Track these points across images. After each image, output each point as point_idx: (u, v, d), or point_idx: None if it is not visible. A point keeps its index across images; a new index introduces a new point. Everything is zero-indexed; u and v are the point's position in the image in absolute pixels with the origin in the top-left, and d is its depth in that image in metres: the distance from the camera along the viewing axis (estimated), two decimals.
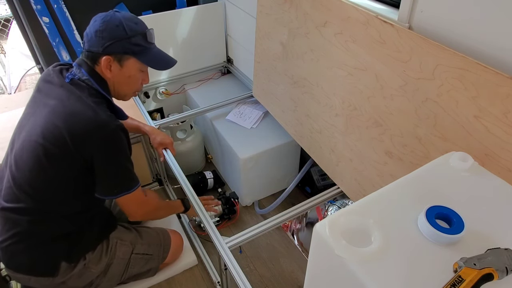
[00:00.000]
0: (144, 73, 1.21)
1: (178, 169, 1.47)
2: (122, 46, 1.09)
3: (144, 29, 1.13)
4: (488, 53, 0.83)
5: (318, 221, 0.59)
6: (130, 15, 1.14)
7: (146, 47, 1.14)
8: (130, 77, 1.16)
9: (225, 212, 1.78)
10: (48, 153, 1.05)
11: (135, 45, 1.11)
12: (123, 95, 1.23)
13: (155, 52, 1.18)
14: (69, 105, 1.06)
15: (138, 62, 1.14)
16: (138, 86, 1.22)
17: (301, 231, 1.71)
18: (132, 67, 1.15)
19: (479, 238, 0.57)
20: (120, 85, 1.18)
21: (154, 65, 1.19)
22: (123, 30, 1.08)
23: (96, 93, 1.12)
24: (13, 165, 1.11)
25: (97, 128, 1.05)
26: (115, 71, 1.13)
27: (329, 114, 1.31)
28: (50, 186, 1.10)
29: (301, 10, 1.30)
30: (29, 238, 1.13)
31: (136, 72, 1.17)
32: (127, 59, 1.12)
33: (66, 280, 1.20)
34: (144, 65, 1.16)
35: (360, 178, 1.25)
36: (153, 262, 1.43)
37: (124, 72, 1.14)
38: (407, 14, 0.98)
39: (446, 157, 0.72)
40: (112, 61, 1.11)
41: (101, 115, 1.06)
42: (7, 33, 3.37)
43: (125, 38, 1.09)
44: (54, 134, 1.04)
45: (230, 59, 2.25)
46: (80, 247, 1.21)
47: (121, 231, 1.36)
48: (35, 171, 1.07)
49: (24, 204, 1.10)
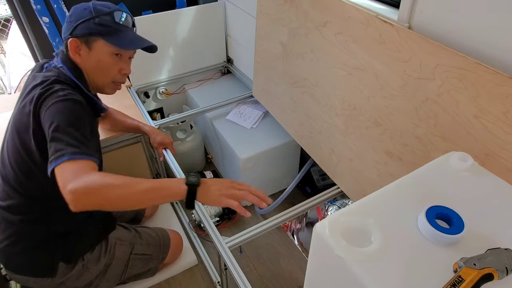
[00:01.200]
0: (120, 59, 1.12)
1: (178, 169, 1.47)
2: (87, 27, 1.05)
3: (112, 10, 1.08)
4: (488, 53, 0.83)
5: (318, 221, 0.59)
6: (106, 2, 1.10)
7: (115, 28, 1.07)
8: (99, 61, 1.09)
9: (225, 212, 1.78)
10: (22, 141, 1.03)
11: (101, 25, 1.05)
12: (101, 85, 1.15)
13: (126, 34, 1.10)
14: (32, 89, 1.03)
15: (107, 44, 1.07)
16: (113, 73, 1.13)
17: (301, 231, 1.71)
18: (101, 50, 1.08)
19: (479, 238, 0.56)
20: (92, 72, 1.11)
21: (122, 45, 1.09)
22: (89, 12, 1.05)
23: (65, 78, 1.06)
24: (1, 162, 1.12)
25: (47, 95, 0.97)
26: (84, 55, 1.08)
27: (329, 114, 1.31)
28: (31, 179, 1.07)
29: (301, 10, 1.30)
30: (24, 239, 1.12)
31: (106, 56, 1.09)
32: (93, 40, 1.07)
33: (65, 280, 1.19)
34: (115, 47, 1.08)
35: (360, 178, 1.25)
36: (152, 262, 1.43)
37: (93, 55, 1.08)
38: (407, 14, 0.98)
39: (446, 157, 0.72)
40: (79, 43, 1.07)
41: (55, 87, 0.99)
42: (7, 33, 3.37)
43: (90, 18, 1.04)
44: (21, 119, 1.03)
45: (230, 59, 2.25)
46: (78, 248, 1.21)
47: (120, 231, 1.35)
48: (18, 164, 1.07)
49: (14, 201, 1.10)
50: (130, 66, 1.17)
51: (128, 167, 1.63)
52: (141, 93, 2.08)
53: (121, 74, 1.15)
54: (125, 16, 1.10)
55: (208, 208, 1.75)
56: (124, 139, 1.66)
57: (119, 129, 1.57)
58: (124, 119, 1.55)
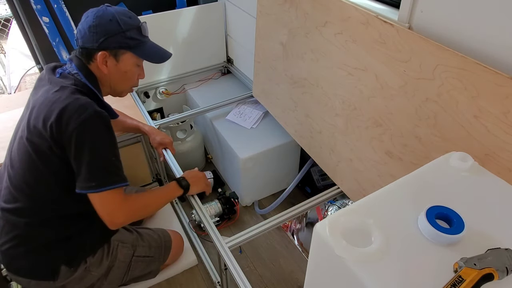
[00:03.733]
0: (140, 67, 1.20)
1: (178, 169, 1.47)
2: (117, 41, 1.08)
3: (138, 23, 1.13)
4: (488, 53, 0.83)
5: (318, 221, 0.59)
6: (123, 9, 1.12)
7: (141, 40, 1.13)
8: (126, 72, 1.15)
9: (225, 212, 1.78)
10: (35, 147, 1.04)
11: (130, 39, 1.10)
12: (120, 91, 1.22)
13: (149, 45, 1.16)
14: (50, 95, 1.04)
15: (134, 57, 1.13)
16: (134, 81, 1.21)
17: (301, 231, 1.71)
18: (128, 62, 1.13)
19: (479, 238, 0.56)
20: (117, 81, 1.17)
21: (150, 59, 1.17)
22: (117, 24, 1.07)
23: (82, 85, 1.09)
24: (9, 165, 1.12)
25: (72, 112, 0.99)
26: (111, 67, 1.12)
27: (329, 114, 1.31)
28: (41, 182, 1.08)
29: (301, 10, 1.30)
30: (28, 242, 1.12)
31: (132, 67, 1.15)
32: (122, 53, 1.11)
33: (67, 283, 1.19)
34: (139, 59, 1.15)
35: (360, 178, 1.25)
36: (154, 264, 1.43)
37: (121, 67, 1.13)
38: (407, 14, 0.98)
39: (446, 157, 0.72)
40: (108, 56, 1.10)
41: (80, 100, 1.01)
42: (7, 33, 3.37)
43: (120, 32, 1.07)
44: (36, 126, 1.03)
45: (230, 59, 2.25)
46: (81, 251, 1.20)
47: (122, 233, 1.35)
48: (27, 168, 1.07)
49: (20, 204, 1.10)
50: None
51: (128, 167, 1.61)
52: (141, 93, 2.08)
53: (138, 80, 1.23)
54: (147, 28, 1.16)
55: (208, 208, 1.75)
56: (124, 139, 1.67)
57: (119, 129, 1.57)
58: (124, 119, 1.55)
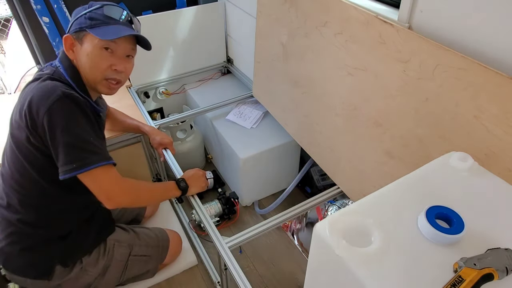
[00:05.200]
0: (111, 55, 1.07)
1: (178, 169, 1.47)
2: (79, 22, 1.05)
3: (104, 4, 1.06)
4: (488, 53, 0.83)
5: (318, 221, 0.59)
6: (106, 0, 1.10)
7: (103, 21, 1.04)
8: (88, 55, 1.05)
9: (225, 212, 1.78)
10: (16, 140, 1.05)
11: (91, 19, 1.04)
12: (92, 81, 1.10)
13: (114, 27, 1.06)
14: (27, 87, 1.05)
15: (93, 37, 1.03)
16: (103, 68, 1.07)
17: (301, 231, 1.71)
18: (90, 43, 1.05)
19: (479, 238, 0.57)
20: (84, 68, 1.08)
21: (103, 35, 1.04)
22: (85, 8, 1.06)
23: (59, 76, 1.06)
24: (2, 163, 1.14)
25: (40, 97, 0.98)
26: (77, 51, 1.07)
27: (329, 114, 1.31)
28: (25, 176, 1.08)
29: (301, 10, 1.30)
30: (22, 239, 1.13)
31: (94, 49, 1.05)
32: (84, 35, 1.05)
33: (63, 283, 1.19)
34: (102, 40, 1.04)
35: (360, 178, 1.24)
36: (151, 263, 1.43)
37: (83, 50, 1.06)
38: (407, 14, 0.98)
39: (446, 157, 0.72)
40: (73, 40, 1.07)
41: (47, 84, 1.00)
42: (7, 33, 3.36)
43: (83, 14, 1.05)
44: (16, 119, 1.04)
45: (230, 59, 2.25)
46: (76, 251, 1.21)
47: (118, 232, 1.35)
48: (12, 164, 1.08)
49: (12, 200, 1.11)
50: (126, 64, 1.12)
51: (128, 167, 1.63)
52: (141, 93, 2.08)
53: (112, 70, 1.09)
54: (118, 10, 1.07)
55: (208, 208, 1.75)
56: (124, 139, 1.66)
57: (119, 129, 1.57)
58: (124, 119, 1.55)
